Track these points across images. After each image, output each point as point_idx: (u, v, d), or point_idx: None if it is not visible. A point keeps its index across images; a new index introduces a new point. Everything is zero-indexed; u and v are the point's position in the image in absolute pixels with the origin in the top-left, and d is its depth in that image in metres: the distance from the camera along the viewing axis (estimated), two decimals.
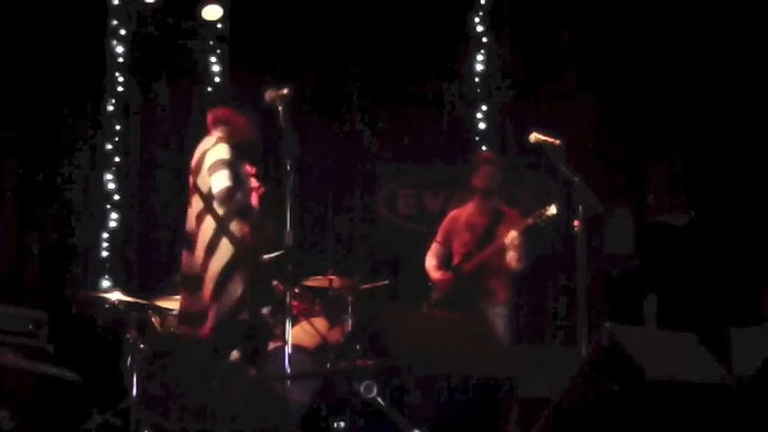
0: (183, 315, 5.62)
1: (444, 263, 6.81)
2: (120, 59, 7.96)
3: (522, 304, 7.72)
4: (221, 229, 5.44)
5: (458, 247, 6.75)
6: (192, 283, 5.51)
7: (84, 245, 7.77)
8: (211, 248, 5.44)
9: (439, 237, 6.89)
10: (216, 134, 5.65)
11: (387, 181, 8.57)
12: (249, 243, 5.49)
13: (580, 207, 5.53)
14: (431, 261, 6.86)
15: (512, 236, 6.40)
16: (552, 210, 6.30)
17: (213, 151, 5.51)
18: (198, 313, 5.47)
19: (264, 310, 6.04)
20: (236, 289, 5.39)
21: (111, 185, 7.82)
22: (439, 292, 6.72)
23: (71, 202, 7.79)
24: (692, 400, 4.34)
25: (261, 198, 5.69)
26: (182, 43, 8.23)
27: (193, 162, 5.60)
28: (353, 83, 8.58)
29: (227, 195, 5.40)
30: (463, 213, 6.85)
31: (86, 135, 7.90)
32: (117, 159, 7.88)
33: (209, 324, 5.42)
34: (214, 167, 5.44)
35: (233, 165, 5.46)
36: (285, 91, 5.28)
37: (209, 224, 5.47)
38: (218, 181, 5.39)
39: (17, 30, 7.55)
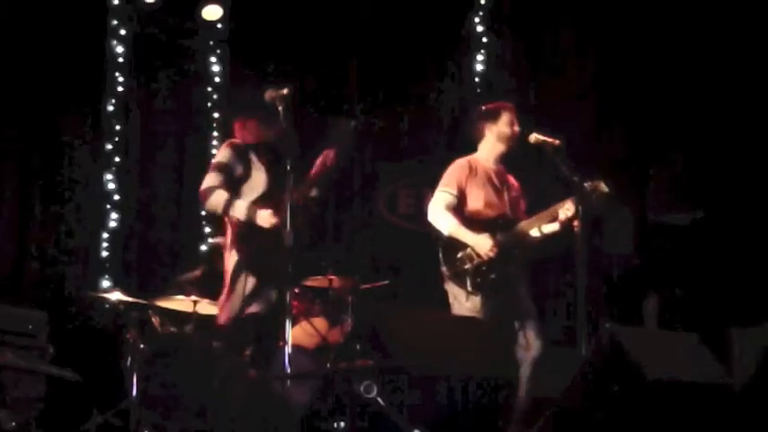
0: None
1: None
2: (120, 59, 7.95)
3: None
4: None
5: (478, 206, 5.80)
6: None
7: (84, 245, 7.76)
8: (227, 247, 5.53)
9: (451, 186, 5.82)
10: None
11: (387, 181, 8.57)
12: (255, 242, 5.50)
13: (580, 207, 5.53)
14: (451, 218, 5.70)
15: (567, 209, 5.59)
16: (603, 187, 5.58)
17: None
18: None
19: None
20: (243, 287, 5.43)
21: (111, 185, 7.82)
22: (481, 262, 5.65)
23: (71, 202, 7.78)
24: (692, 400, 4.34)
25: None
26: (182, 43, 8.23)
27: None
28: (353, 83, 8.58)
29: (201, 197, 5.47)
30: (478, 164, 5.90)
31: (86, 135, 7.89)
32: (117, 159, 7.88)
33: (221, 318, 5.47)
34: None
35: (223, 166, 5.49)
36: (285, 91, 5.28)
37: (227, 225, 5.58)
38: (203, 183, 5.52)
39: (17, 29, 7.54)
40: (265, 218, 5.39)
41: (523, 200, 6.01)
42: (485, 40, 8.56)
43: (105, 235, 7.75)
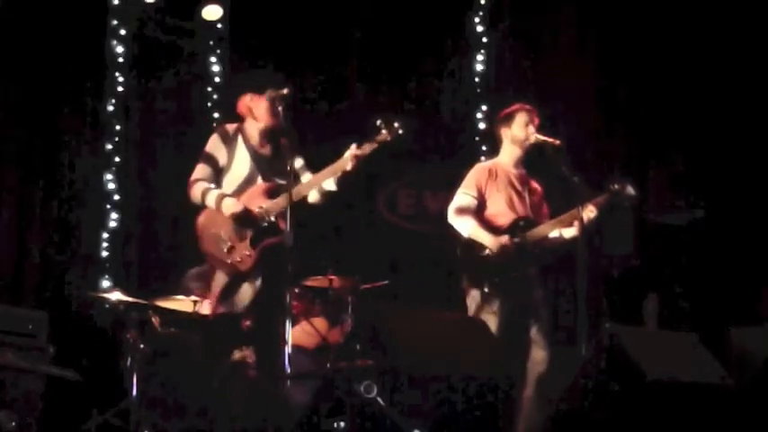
0: None
1: None
2: (120, 59, 7.95)
3: None
4: None
5: (498, 209, 5.80)
6: None
7: (84, 245, 7.76)
8: None
9: (470, 188, 5.82)
10: None
11: (387, 181, 8.56)
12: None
13: (580, 207, 5.53)
14: (470, 219, 5.73)
15: (590, 210, 5.55)
16: (630, 189, 5.66)
17: None
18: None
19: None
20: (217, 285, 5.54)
21: (111, 185, 7.81)
22: (494, 262, 5.66)
23: (71, 202, 7.78)
24: (692, 400, 4.34)
25: None
26: (182, 43, 8.23)
27: None
28: (353, 83, 8.58)
29: (187, 189, 5.52)
30: (498, 169, 5.90)
31: (86, 135, 7.89)
32: (117, 159, 7.87)
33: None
34: None
35: (208, 156, 5.52)
36: (285, 91, 5.28)
37: None
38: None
39: (17, 29, 7.53)
40: (229, 206, 5.38)
41: (546, 204, 6.01)
42: (485, 40, 8.56)
43: (105, 235, 7.74)
